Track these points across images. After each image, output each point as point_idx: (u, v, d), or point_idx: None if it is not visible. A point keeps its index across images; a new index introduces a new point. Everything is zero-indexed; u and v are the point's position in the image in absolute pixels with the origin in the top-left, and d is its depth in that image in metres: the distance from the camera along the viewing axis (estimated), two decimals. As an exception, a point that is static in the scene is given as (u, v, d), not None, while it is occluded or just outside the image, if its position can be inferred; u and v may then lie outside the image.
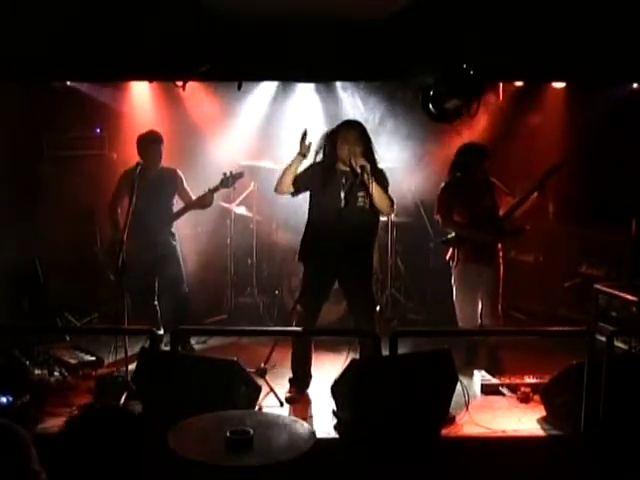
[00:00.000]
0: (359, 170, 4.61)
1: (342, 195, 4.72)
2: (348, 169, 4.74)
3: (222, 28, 4.50)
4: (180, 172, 5.85)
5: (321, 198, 4.80)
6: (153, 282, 5.81)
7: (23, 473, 2.46)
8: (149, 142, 5.65)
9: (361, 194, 4.75)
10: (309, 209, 4.93)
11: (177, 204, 5.91)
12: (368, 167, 4.62)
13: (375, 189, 4.65)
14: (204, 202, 5.79)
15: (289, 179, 4.83)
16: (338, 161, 4.78)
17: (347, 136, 4.73)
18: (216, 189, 5.74)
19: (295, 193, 4.91)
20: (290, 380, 5.06)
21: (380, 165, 4.92)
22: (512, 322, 6.36)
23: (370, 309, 4.97)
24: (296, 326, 4.97)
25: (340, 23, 4.51)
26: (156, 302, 5.82)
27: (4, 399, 4.33)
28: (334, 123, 5.10)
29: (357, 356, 4.82)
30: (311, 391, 5.05)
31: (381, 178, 4.79)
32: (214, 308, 6.71)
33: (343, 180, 4.76)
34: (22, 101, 6.24)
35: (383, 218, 6.62)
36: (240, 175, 5.80)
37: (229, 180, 5.70)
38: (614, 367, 4.12)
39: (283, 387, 5.04)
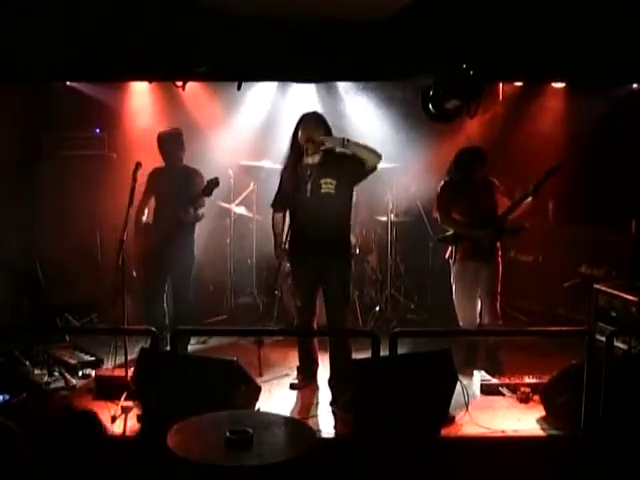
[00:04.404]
0: (322, 146, 4.78)
1: (307, 186, 4.84)
2: (310, 161, 4.86)
3: (222, 28, 4.49)
4: (202, 174, 5.59)
5: (294, 194, 4.89)
6: (164, 283, 5.68)
7: (16, 470, 2.46)
8: (169, 140, 5.57)
9: (324, 181, 4.85)
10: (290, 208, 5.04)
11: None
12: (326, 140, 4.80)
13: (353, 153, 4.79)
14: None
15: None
16: (301, 151, 4.88)
17: (306, 124, 4.89)
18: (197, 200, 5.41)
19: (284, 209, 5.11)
20: (297, 367, 5.19)
21: (380, 165, 4.92)
22: (512, 322, 6.35)
23: (342, 299, 5.00)
24: (297, 319, 5.15)
25: (340, 23, 4.51)
26: (165, 304, 5.72)
27: (0, 397, 4.35)
28: (334, 123, 5.11)
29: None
30: (310, 390, 5.06)
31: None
32: (214, 308, 6.70)
33: (308, 172, 4.86)
34: (22, 101, 6.24)
35: (383, 218, 6.67)
36: (216, 182, 5.33)
37: (210, 187, 5.32)
38: (614, 367, 4.12)
39: (285, 386, 5.07)
